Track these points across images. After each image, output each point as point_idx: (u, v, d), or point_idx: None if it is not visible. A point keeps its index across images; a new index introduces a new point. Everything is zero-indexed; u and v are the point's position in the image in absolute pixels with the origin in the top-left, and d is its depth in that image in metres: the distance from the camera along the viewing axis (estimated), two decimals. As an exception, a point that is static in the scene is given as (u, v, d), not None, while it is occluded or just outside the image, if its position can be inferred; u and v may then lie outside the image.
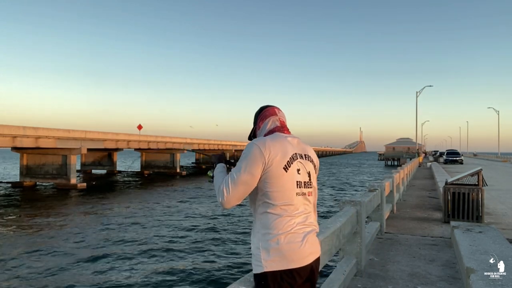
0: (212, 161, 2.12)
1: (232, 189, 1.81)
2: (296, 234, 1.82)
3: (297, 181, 1.87)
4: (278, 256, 1.77)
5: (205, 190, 30.35)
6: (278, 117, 2.06)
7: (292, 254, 1.78)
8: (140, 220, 17.75)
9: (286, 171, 1.83)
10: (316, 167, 2.03)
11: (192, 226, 16.19)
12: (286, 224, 1.81)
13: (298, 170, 1.89)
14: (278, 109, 2.12)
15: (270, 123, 2.03)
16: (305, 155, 1.97)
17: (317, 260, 1.93)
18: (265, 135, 1.99)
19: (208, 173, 2.11)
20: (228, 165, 2.09)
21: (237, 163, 1.87)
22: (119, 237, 14.26)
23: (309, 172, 1.95)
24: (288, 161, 1.85)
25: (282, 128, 2.03)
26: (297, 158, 1.90)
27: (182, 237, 14.23)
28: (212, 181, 2.00)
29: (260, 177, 1.82)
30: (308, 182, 1.93)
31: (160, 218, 18.38)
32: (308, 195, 1.93)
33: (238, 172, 1.82)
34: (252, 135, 2.13)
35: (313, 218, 1.96)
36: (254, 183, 1.83)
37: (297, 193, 1.86)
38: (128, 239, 13.95)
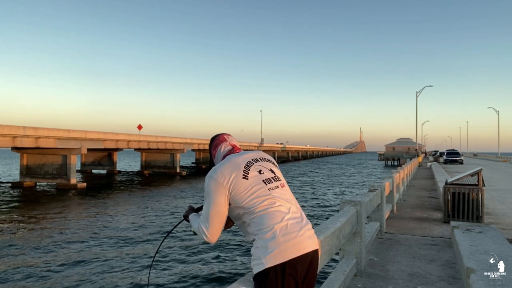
0: (186, 216, 2.28)
1: (209, 223, 1.95)
2: (289, 224, 1.86)
3: (263, 180, 1.97)
4: (276, 249, 1.79)
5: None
6: (228, 142, 2.25)
7: (290, 245, 1.81)
8: (139, 220, 17.76)
9: (247, 178, 1.94)
10: (276, 165, 2.15)
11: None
12: (274, 215, 1.86)
13: (260, 171, 2.00)
14: (228, 135, 2.32)
15: (223, 148, 2.22)
16: (260, 158, 2.10)
17: (316, 252, 1.94)
18: (222, 159, 2.16)
19: (192, 229, 2.22)
20: (199, 212, 2.29)
21: (204, 200, 2.01)
22: (118, 238, 14.26)
23: (271, 169, 2.06)
24: (244, 170, 1.97)
25: (233, 149, 2.21)
26: (253, 163, 2.02)
27: (181, 236, 14.23)
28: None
29: (230, 199, 1.93)
30: (274, 177, 2.03)
31: (159, 218, 18.39)
32: (282, 187, 2.01)
33: (207, 207, 1.96)
34: (211, 163, 2.28)
35: (296, 207, 2.00)
36: (225, 209, 1.95)
37: (269, 188, 1.95)
38: (126, 240, 13.96)
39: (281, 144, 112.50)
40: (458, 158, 43.29)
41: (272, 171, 2.05)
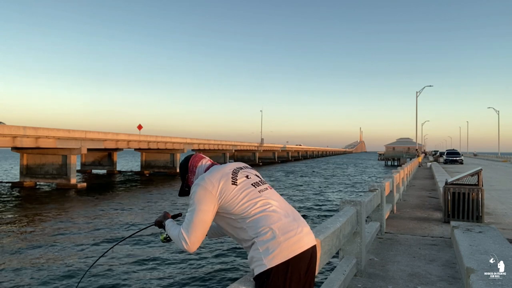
0: (160, 222, 2.27)
1: (191, 231, 1.89)
2: (287, 223, 1.87)
3: (252, 183, 1.99)
4: (277, 249, 1.79)
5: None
6: (207, 159, 2.25)
7: (290, 243, 1.81)
8: (139, 221, 17.77)
9: (236, 184, 1.94)
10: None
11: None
12: (271, 216, 1.87)
13: (247, 176, 2.03)
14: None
15: (204, 163, 2.20)
16: (243, 166, 2.13)
17: (314, 248, 1.95)
18: (204, 171, 2.12)
19: (161, 237, 2.19)
20: (175, 219, 2.28)
21: (189, 206, 1.97)
22: (117, 238, 14.26)
23: (256, 174, 2.11)
24: (232, 176, 1.97)
25: (213, 164, 2.22)
26: (239, 170, 2.05)
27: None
28: (167, 241, 2.15)
29: (220, 206, 1.91)
30: (261, 180, 2.07)
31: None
32: (270, 189, 2.05)
33: (191, 215, 1.91)
34: (185, 186, 2.21)
35: (289, 206, 2.02)
36: (210, 218, 1.92)
37: (259, 190, 1.97)
38: (125, 240, 13.96)
39: (300, 145, 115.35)
40: (458, 158, 43.24)
41: (258, 176, 2.10)
